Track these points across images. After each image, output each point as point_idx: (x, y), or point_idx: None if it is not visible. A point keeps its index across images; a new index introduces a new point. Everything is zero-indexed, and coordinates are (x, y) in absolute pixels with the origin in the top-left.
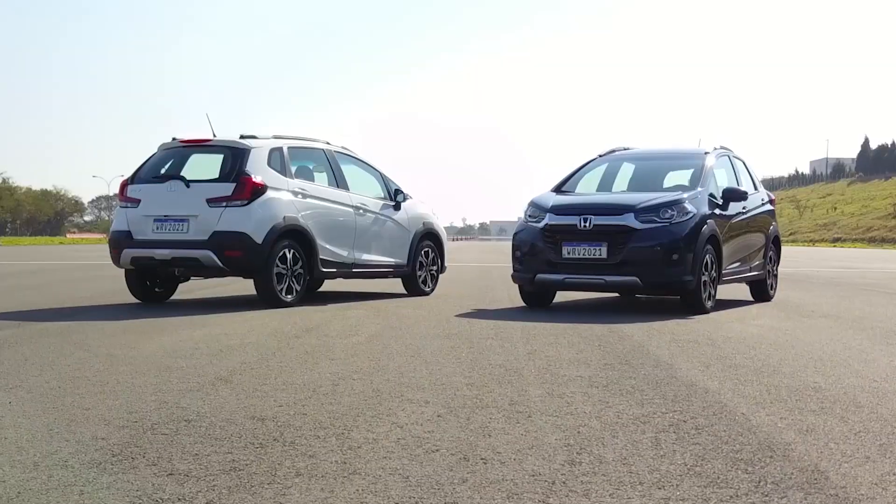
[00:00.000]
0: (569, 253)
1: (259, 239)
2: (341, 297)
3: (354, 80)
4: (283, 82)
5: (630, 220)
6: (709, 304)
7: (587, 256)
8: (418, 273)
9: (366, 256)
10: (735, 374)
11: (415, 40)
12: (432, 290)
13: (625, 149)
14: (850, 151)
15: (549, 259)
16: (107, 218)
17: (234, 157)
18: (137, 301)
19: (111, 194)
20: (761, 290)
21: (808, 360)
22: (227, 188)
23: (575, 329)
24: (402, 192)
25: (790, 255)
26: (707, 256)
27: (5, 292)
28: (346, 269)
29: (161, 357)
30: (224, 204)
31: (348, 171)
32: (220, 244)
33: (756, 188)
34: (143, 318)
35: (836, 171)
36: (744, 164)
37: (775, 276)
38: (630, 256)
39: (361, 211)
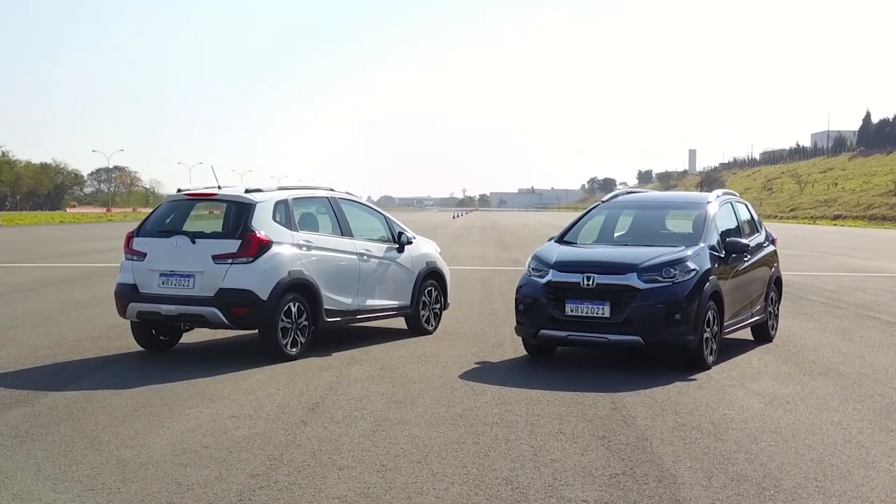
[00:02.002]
0: (572, 310)
1: (264, 295)
2: (345, 340)
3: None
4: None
5: (633, 280)
6: (710, 359)
7: (590, 315)
8: (422, 313)
9: (370, 302)
10: (737, 488)
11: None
12: (435, 328)
13: (628, 192)
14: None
15: (552, 315)
16: (106, 190)
17: (239, 211)
18: (142, 349)
19: (110, 166)
20: (762, 332)
21: (809, 468)
22: (233, 245)
23: (579, 406)
24: (405, 233)
25: (790, 238)
26: (709, 313)
27: (9, 330)
28: (351, 316)
29: (172, 465)
30: (230, 261)
31: (352, 215)
32: (226, 301)
33: (758, 229)
34: (150, 384)
35: (838, 144)
36: (746, 207)
37: (776, 315)
38: (632, 316)
39: (365, 257)
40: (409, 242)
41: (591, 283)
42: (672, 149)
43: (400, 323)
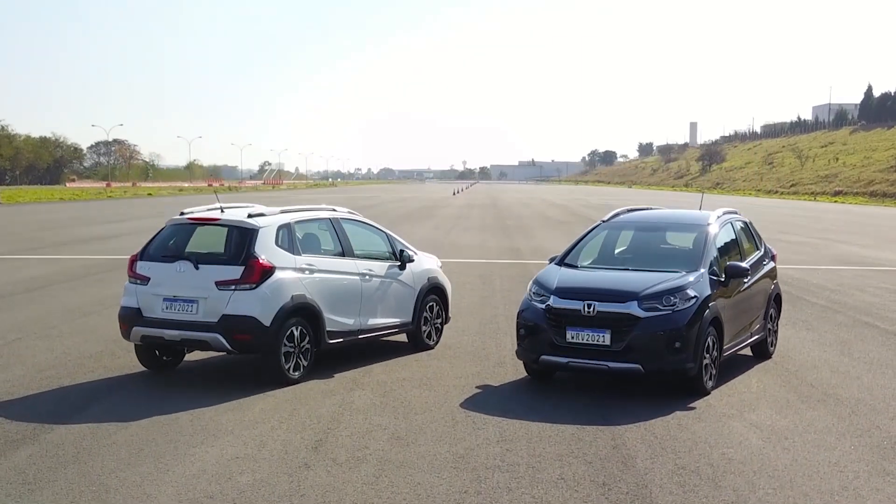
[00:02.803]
0: (572, 337)
1: (267, 321)
2: (347, 357)
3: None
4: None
5: (633, 308)
6: (709, 384)
7: (591, 342)
8: (423, 328)
9: (371, 321)
10: None
11: None
12: (436, 342)
13: (629, 210)
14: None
15: (552, 341)
16: (106, 164)
17: (243, 237)
18: (146, 369)
19: (109, 139)
20: (762, 349)
21: None
22: (236, 271)
23: (580, 444)
24: (406, 251)
25: (791, 222)
26: (709, 339)
27: (14, 343)
28: (353, 337)
29: None
30: (233, 287)
31: (354, 235)
32: (230, 328)
33: (758, 246)
34: (154, 415)
35: (839, 117)
36: (746, 224)
37: (775, 332)
38: (633, 344)
39: (367, 276)
40: (411, 260)
41: (591, 310)
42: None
43: (401, 336)
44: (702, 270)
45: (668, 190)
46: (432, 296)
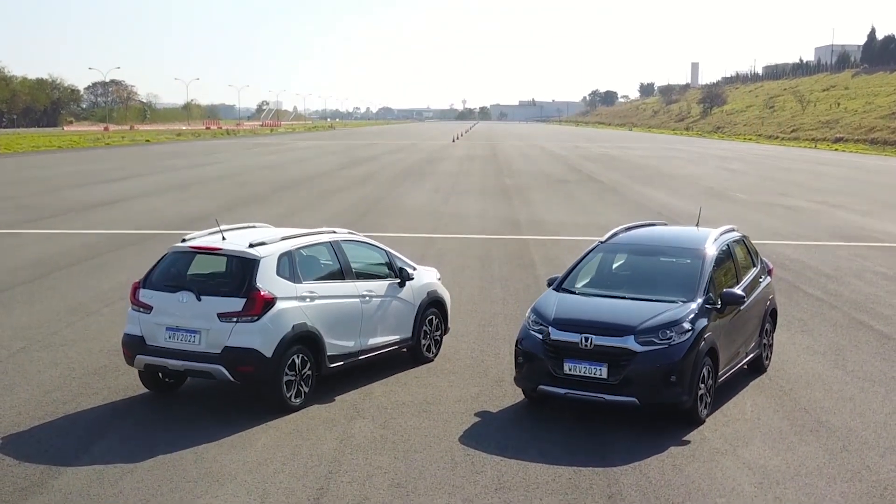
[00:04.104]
0: (570, 369)
1: (269, 353)
2: (347, 380)
3: None
4: None
5: (630, 343)
6: (704, 413)
7: (588, 375)
8: (423, 342)
9: (371, 341)
10: None
11: None
12: (436, 355)
13: (627, 228)
14: (857, 39)
15: (550, 372)
16: (103, 104)
17: (244, 268)
18: (147, 391)
19: (107, 80)
20: (757, 365)
21: None
22: (238, 304)
23: (575, 492)
24: (406, 269)
25: (790, 181)
26: (705, 369)
27: (18, 354)
28: (353, 358)
29: None
30: (235, 319)
31: (354, 255)
32: (232, 360)
33: (755, 263)
34: (158, 454)
35: (841, 60)
36: (743, 242)
37: (770, 345)
38: (629, 377)
39: (367, 298)
40: (411, 278)
41: (589, 344)
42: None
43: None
44: (698, 301)
45: (668, 133)
46: (432, 309)
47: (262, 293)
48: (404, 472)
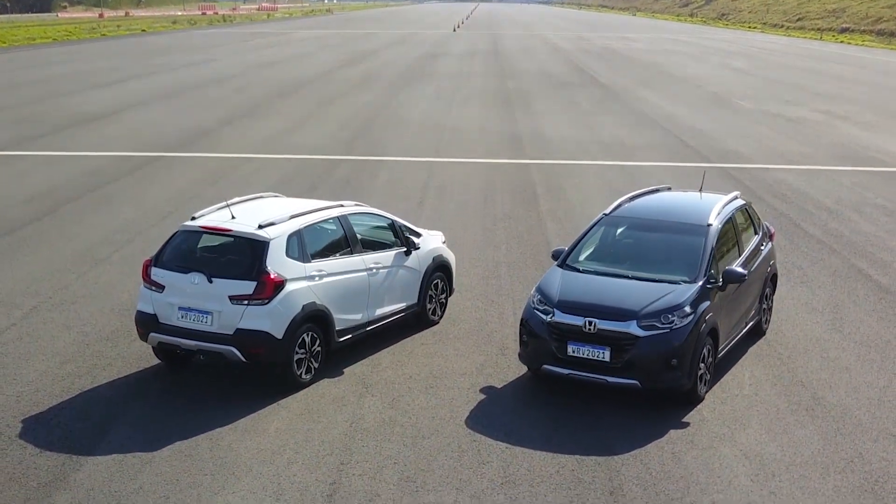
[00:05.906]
0: (573, 351)
1: (280, 335)
2: (355, 349)
3: None
4: None
5: (633, 328)
6: (703, 390)
7: (591, 357)
8: (428, 306)
9: (379, 311)
10: None
11: None
12: (440, 317)
13: (631, 198)
14: None
15: (554, 353)
16: None
17: (254, 250)
18: (160, 363)
19: None
20: (756, 329)
21: None
22: (249, 286)
23: (578, 486)
24: (413, 237)
25: (793, 83)
26: (705, 350)
27: (30, 315)
28: (362, 330)
29: None
30: (246, 302)
31: (361, 227)
32: (244, 342)
33: (756, 230)
34: (174, 440)
35: None
36: (747, 209)
37: (770, 308)
38: (631, 361)
39: (374, 270)
40: (417, 248)
41: (592, 327)
42: None
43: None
44: (699, 283)
45: (672, 19)
46: (438, 273)
47: (272, 276)
48: (413, 463)
